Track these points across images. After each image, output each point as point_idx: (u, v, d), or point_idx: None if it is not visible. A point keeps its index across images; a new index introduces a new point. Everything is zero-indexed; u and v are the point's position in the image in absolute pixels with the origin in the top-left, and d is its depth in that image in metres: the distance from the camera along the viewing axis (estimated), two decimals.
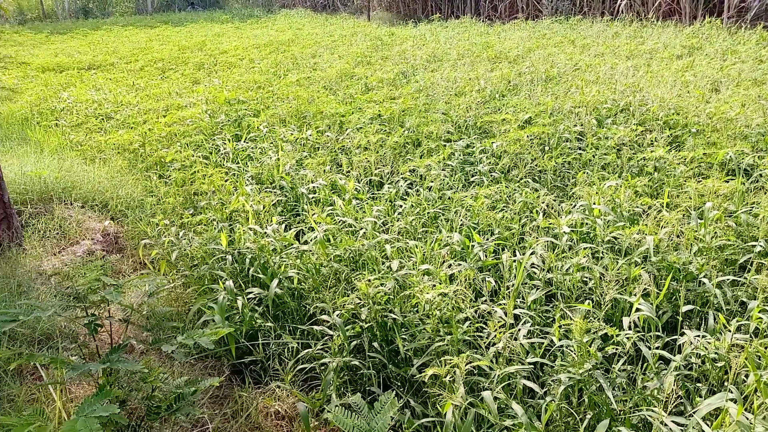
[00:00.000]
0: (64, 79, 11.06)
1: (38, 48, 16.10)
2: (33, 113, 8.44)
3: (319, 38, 14.89)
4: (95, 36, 18.16)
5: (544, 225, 3.87)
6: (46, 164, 5.70)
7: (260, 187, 5.27)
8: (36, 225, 4.74)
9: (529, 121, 6.26)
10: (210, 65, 11.81)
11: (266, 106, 7.83)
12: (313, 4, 25.84)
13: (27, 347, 3.17)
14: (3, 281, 3.78)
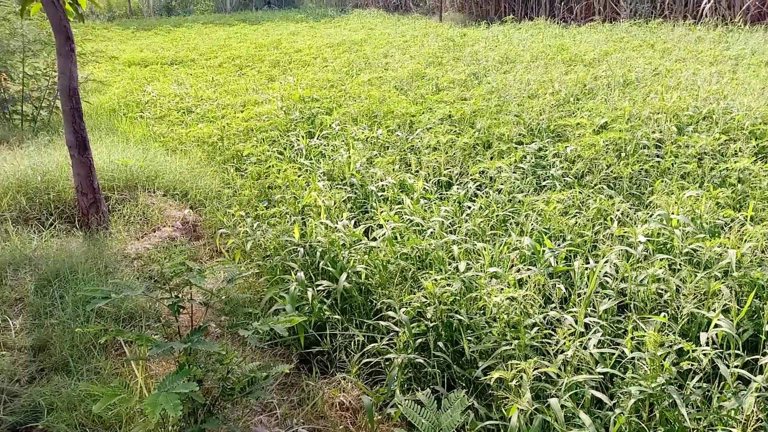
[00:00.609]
0: (148, 74, 11.64)
1: (125, 43, 16.98)
2: (120, 105, 8.93)
3: (391, 38, 15.00)
4: (177, 33, 18.98)
5: (618, 233, 3.77)
6: (132, 154, 6.02)
7: (331, 183, 5.38)
8: (121, 211, 5.02)
9: (604, 126, 6.10)
10: (285, 63, 12.12)
11: (338, 104, 7.97)
12: (385, 4, 26.02)
13: (112, 324, 3.38)
14: (92, 262, 4.04)
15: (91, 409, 2.65)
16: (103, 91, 9.73)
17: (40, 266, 4.04)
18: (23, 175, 5.25)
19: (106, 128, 7.52)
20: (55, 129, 7.62)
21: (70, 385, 2.94)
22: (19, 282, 3.94)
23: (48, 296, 3.73)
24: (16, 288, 3.89)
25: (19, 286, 3.90)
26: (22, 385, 3.07)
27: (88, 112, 8.39)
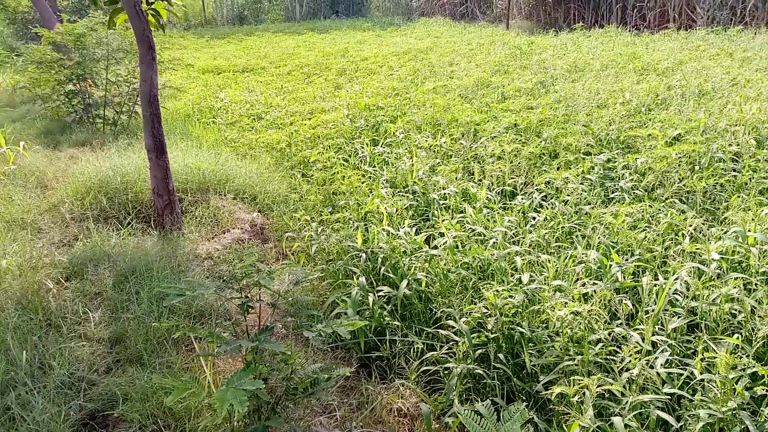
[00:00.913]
0: (221, 81, 12.09)
1: (200, 51, 17.70)
2: (194, 111, 9.32)
3: (456, 46, 14.98)
4: (249, 41, 19.61)
5: (690, 249, 3.63)
6: (204, 158, 6.28)
7: (394, 190, 5.43)
8: (194, 212, 5.25)
9: (678, 137, 5.89)
10: (351, 71, 12.32)
11: (403, 112, 8.04)
12: (452, 12, 26.01)
13: (184, 321, 3.54)
14: (166, 260, 4.24)
15: (163, 401, 2.79)
16: (178, 98, 10.19)
17: (118, 263, 4.28)
18: (104, 176, 5.57)
19: (181, 133, 7.87)
20: (134, 133, 8.04)
21: (143, 377, 3.10)
22: (99, 277, 4.18)
23: (125, 291, 3.94)
24: (96, 282, 4.13)
25: (99, 281, 4.14)
26: (100, 375, 3.26)
27: (164, 117, 8.80)
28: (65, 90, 8.30)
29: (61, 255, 4.45)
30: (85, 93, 8.38)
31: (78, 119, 8.45)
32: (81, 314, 3.77)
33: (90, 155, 6.74)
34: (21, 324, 3.49)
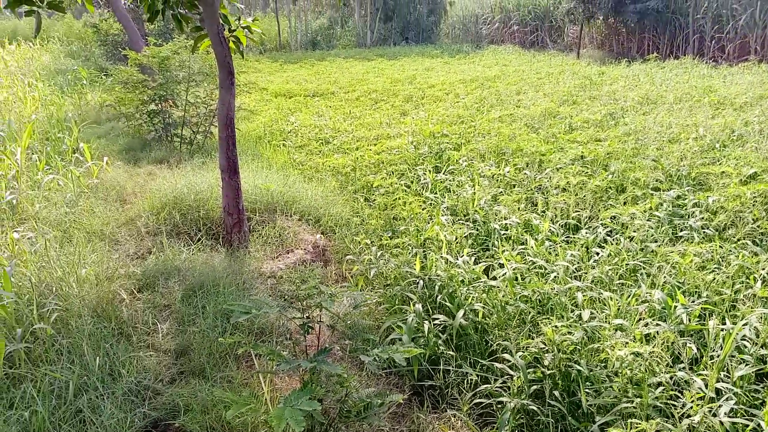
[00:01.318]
0: (292, 104, 12.51)
1: (273, 75, 18.38)
2: (266, 133, 9.68)
3: (525, 75, 14.92)
4: (320, 66, 20.21)
5: (762, 294, 3.48)
6: (273, 179, 6.51)
7: (454, 218, 5.46)
8: (260, 231, 5.45)
9: (753, 176, 5.65)
10: (418, 98, 12.48)
11: (467, 140, 8.08)
12: (521, 40, 25.94)
13: (246, 337, 3.68)
14: (232, 277, 4.42)
15: (222, 415, 2.91)
16: (252, 120, 10.61)
17: (187, 277, 4.49)
18: (179, 193, 5.87)
19: (252, 154, 8.19)
20: (209, 152, 8.43)
21: (205, 390, 3.24)
22: (169, 290, 4.40)
23: (192, 305, 4.13)
24: (166, 295, 4.35)
25: (168, 294, 4.36)
26: (164, 385, 3.43)
27: (237, 138, 9.16)
28: (148, 109, 8.82)
29: (135, 267, 4.71)
30: (165, 113, 8.88)
31: (157, 137, 8.95)
32: (150, 325, 3.98)
33: (167, 172, 7.12)
34: (95, 331, 3.71)
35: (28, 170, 6.78)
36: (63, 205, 5.89)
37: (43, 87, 12.97)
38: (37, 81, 13.64)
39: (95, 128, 9.85)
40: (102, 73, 15.36)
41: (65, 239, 5.14)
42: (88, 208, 5.86)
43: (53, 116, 9.75)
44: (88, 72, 14.56)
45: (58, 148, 7.90)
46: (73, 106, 11.33)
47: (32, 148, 7.53)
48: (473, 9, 29.77)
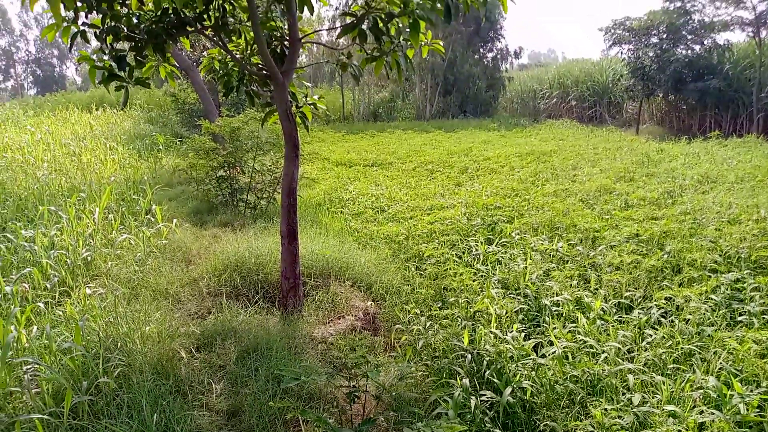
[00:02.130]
0: (352, 173, 12.96)
1: (335, 145, 19.13)
2: (325, 200, 10.05)
3: (581, 150, 14.98)
4: (380, 137, 20.91)
5: None
6: (329, 245, 6.75)
7: (505, 291, 5.49)
8: (314, 296, 5.63)
9: None
10: (473, 170, 12.70)
11: (520, 213, 8.15)
12: (579, 115, 26.11)
13: (294, 402, 3.78)
14: (285, 341, 4.58)
15: None
16: (313, 187, 11.05)
17: (242, 338, 4.67)
18: (241, 256, 6.16)
19: (311, 220, 8.51)
20: (270, 217, 8.81)
21: None
22: (225, 350, 4.58)
23: (246, 367, 4.29)
24: (222, 356, 4.53)
25: (224, 354, 4.54)
26: None
27: (298, 205, 9.58)
28: (217, 175, 9.36)
29: (195, 326, 4.95)
30: (233, 179, 9.39)
31: (224, 202, 9.44)
32: (206, 384, 4.15)
33: (231, 235, 7.49)
34: (154, 388, 3.90)
35: (104, 229, 7.29)
36: (133, 264, 6.28)
37: (123, 150, 13.97)
38: (117, 144, 14.72)
39: (167, 191, 10.47)
40: (177, 139, 16.40)
41: (133, 296, 5.46)
42: (156, 268, 6.21)
43: (130, 178, 10.47)
44: (164, 138, 15.58)
45: (132, 208, 8.46)
46: (148, 170, 12.12)
47: (109, 208, 8.10)
48: (531, 85, 30.34)
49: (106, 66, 4.82)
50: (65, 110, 25.54)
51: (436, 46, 5.60)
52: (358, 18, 5.17)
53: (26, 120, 23.00)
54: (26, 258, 6.10)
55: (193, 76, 14.45)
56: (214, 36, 5.18)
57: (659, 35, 20.19)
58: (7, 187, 9.20)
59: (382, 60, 5.51)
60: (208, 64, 5.91)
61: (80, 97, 34.53)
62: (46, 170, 10.87)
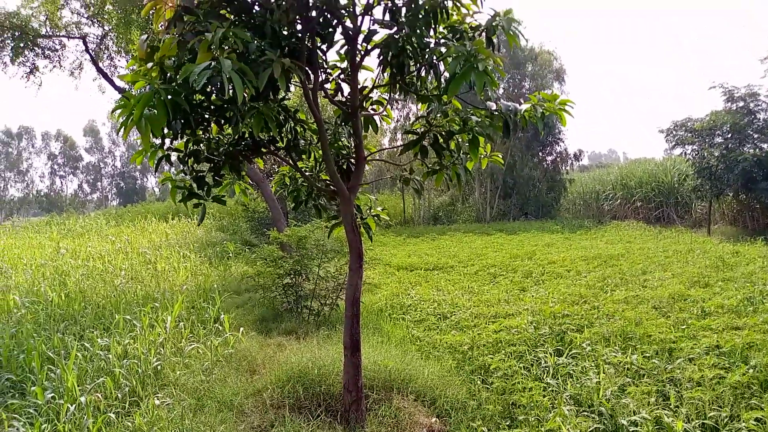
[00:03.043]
0: (413, 278, 13.00)
1: (396, 248, 19.36)
2: (386, 306, 10.06)
3: (650, 253, 14.53)
4: (441, 240, 21.04)
5: None
6: (392, 355, 6.68)
7: (578, 408, 5.21)
8: (377, 411, 5.51)
9: None
10: (538, 274, 12.49)
11: (590, 322, 7.87)
12: (645, 216, 25.53)
13: None
14: None
15: None
16: (374, 292, 11.12)
17: None
18: (304, 366, 6.18)
19: (373, 327, 8.50)
20: (333, 324, 8.86)
21: None
22: None
23: None
24: None
25: None
26: None
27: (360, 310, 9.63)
28: (283, 283, 9.60)
29: None
30: (298, 286, 9.61)
31: (289, 308, 9.61)
32: None
33: (294, 344, 7.56)
34: None
35: (174, 337, 7.52)
36: (200, 373, 6.40)
37: (195, 258, 14.62)
38: (190, 252, 15.43)
39: (235, 298, 10.78)
40: (246, 246, 17.06)
41: (198, 407, 5.53)
42: (222, 378, 6.30)
43: (201, 286, 10.88)
44: (234, 245, 16.25)
45: (201, 316, 8.72)
46: (218, 277, 12.57)
47: (180, 316, 8.38)
48: (593, 186, 30.18)
49: (186, 185, 5.20)
50: (144, 219, 27.24)
51: (495, 159, 5.78)
52: (419, 135, 5.45)
53: (108, 229, 24.62)
54: (101, 367, 6.34)
55: (263, 187, 15.25)
56: (286, 155, 5.55)
57: (723, 135, 19.94)
58: (87, 295, 9.73)
59: (442, 173, 5.71)
60: (279, 180, 6.27)
61: (158, 207, 36.89)
62: (124, 278, 11.47)
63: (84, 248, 16.20)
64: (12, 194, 76.78)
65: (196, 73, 3.37)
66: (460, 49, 4.01)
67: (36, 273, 11.98)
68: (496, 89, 4.37)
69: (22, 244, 18.81)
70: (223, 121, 4.66)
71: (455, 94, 4.37)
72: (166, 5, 4.10)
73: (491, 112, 4.89)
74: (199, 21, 4.08)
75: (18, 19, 14.29)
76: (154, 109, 3.78)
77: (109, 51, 16.56)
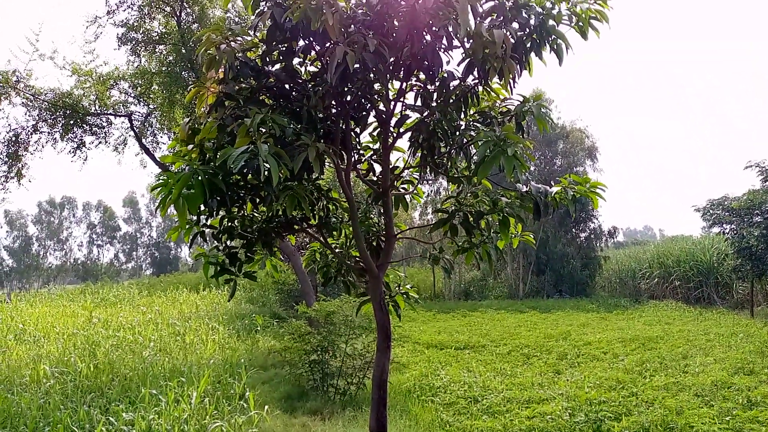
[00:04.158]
0: (443, 357, 12.68)
1: (426, 324, 19.03)
2: (415, 387, 9.78)
3: (690, 336, 13.97)
4: (472, 317, 20.65)
5: None
6: None
7: None
8: None
9: None
10: (573, 356, 12.08)
11: (628, 409, 7.50)
12: (684, 296, 24.72)
13: None
14: None
15: None
16: (402, 371, 10.86)
17: None
18: None
19: (401, 409, 8.24)
20: (359, 405, 8.63)
21: None
22: None
23: None
24: None
25: None
26: None
27: (387, 392, 9.38)
28: (309, 359, 9.47)
29: None
30: (324, 363, 9.46)
31: (314, 386, 9.42)
32: None
33: (320, 425, 7.36)
34: None
35: (199, 413, 7.40)
36: None
37: (223, 330, 14.60)
38: (219, 325, 15.44)
39: (261, 374, 10.64)
40: (274, 319, 17.01)
41: None
42: None
43: (227, 360, 10.81)
44: (262, 319, 16.22)
45: (227, 392, 8.61)
46: (245, 351, 12.49)
47: (206, 392, 8.29)
48: (629, 264, 29.55)
49: (219, 260, 5.28)
50: (175, 290, 27.54)
51: (526, 238, 5.74)
52: (449, 214, 5.48)
53: (140, 299, 24.93)
54: None
55: (294, 260, 15.37)
56: (317, 232, 5.61)
57: (763, 215, 19.49)
58: (115, 367, 9.74)
59: (472, 251, 5.68)
60: (310, 256, 6.32)
61: (189, 278, 37.39)
62: (152, 350, 11.48)
63: (115, 318, 16.38)
64: (50, 262, 78.93)
65: (234, 156, 3.49)
66: (490, 134, 4.08)
67: (67, 342, 12.10)
68: (526, 171, 4.41)
69: (56, 312, 19.15)
70: (258, 200, 4.78)
71: (485, 177, 4.42)
72: (208, 91, 4.32)
73: (521, 194, 4.91)
74: (239, 106, 4.28)
75: (71, 98, 15.18)
76: (192, 188, 3.91)
77: (153, 128, 17.35)
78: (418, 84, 4.97)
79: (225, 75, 4.33)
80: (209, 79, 4.42)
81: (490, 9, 4.39)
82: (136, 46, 15.62)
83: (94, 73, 15.72)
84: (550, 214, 25.85)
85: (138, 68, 15.99)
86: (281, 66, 4.62)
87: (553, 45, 4.45)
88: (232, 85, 4.35)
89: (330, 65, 3.77)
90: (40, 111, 15.22)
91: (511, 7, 4.34)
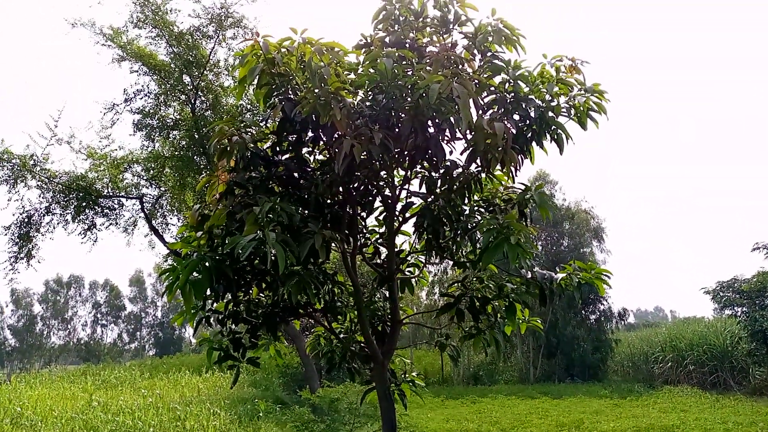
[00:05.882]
0: None
1: (434, 411, 18.41)
2: None
3: (708, 425, 13.43)
4: (482, 404, 20.01)
5: None
6: None
7: None
8: None
9: None
10: None
11: None
12: (699, 381, 23.94)
13: None
14: None
15: None
16: None
17: None
18: None
19: None
20: None
21: None
22: None
23: None
24: None
25: None
26: None
27: None
28: None
29: None
30: None
31: None
32: None
33: None
34: None
35: None
36: None
37: (225, 416, 14.18)
38: (221, 410, 15.02)
39: None
40: (277, 405, 16.56)
41: None
42: None
43: None
44: (265, 404, 15.79)
45: None
46: None
47: None
48: (641, 347, 28.89)
49: (223, 346, 5.24)
50: (177, 372, 26.99)
51: (534, 324, 5.70)
52: (455, 298, 5.46)
53: (142, 381, 24.40)
54: None
55: (298, 343, 15.18)
56: (322, 317, 5.59)
57: None
58: None
59: (480, 338, 5.62)
60: (314, 341, 6.26)
61: (192, 360, 36.67)
62: None
63: (116, 401, 15.98)
64: (53, 341, 77.92)
65: (243, 244, 3.56)
66: (493, 222, 4.16)
67: (65, 427, 11.78)
68: (530, 258, 4.44)
69: (55, 394, 18.72)
70: (263, 285, 4.81)
71: (489, 263, 4.45)
72: (219, 180, 4.46)
73: (527, 280, 4.93)
74: (249, 194, 4.40)
75: (85, 181, 15.57)
76: (199, 274, 3.96)
77: (163, 209, 17.66)
78: (423, 171, 5.11)
79: (236, 164, 4.49)
80: (220, 168, 4.57)
81: (491, 102, 4.59)
82: (150, 132, 16.17)
83: (108, 157, 16.21)
84: (556, 301, 25.64)
85: (151, 152, 16.47)
86: (290, 155, 4.78)
87: (554, 135, 4.61)
88: (243, 174, 4.50)
89: (338, 157, 3.91)
90: (54, 193, 15.58)
91: (511, 100, 4.53)
